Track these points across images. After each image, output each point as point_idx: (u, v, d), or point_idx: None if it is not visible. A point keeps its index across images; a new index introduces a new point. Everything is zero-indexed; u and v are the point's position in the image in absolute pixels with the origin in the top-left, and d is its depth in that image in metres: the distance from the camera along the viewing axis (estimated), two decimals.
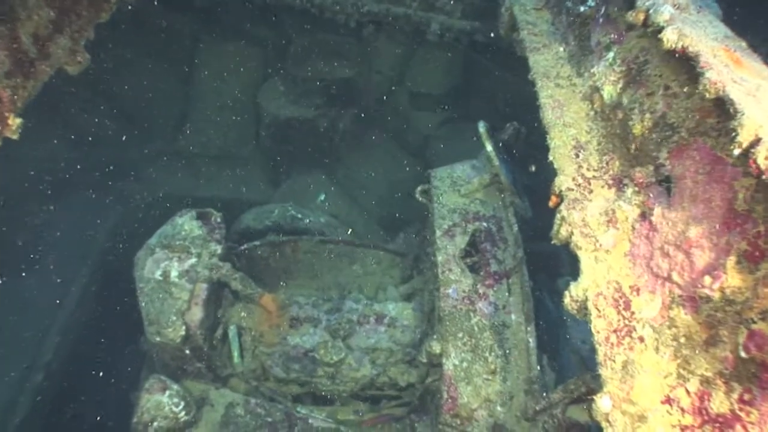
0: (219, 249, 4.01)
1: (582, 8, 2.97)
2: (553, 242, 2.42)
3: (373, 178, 6.77)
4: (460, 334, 3.35)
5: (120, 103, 6.50)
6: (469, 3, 5.98)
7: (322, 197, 6.25)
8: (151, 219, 4.58)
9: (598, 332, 2.04)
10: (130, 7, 4.42)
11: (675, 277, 1.96)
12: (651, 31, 2.24)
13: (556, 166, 2.56)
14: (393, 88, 7.00)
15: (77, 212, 5.94)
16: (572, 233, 2.31)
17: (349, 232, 5.53)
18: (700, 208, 1.94)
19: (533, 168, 4.07)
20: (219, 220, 4.21)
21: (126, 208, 6.20)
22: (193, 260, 3.89)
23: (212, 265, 3.91)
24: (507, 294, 3.49)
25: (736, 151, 1.66)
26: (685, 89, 2.11)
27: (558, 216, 2.40)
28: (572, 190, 2.44)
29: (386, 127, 7.12)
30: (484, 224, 3.80)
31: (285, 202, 5.52)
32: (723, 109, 1.87)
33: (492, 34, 5.85)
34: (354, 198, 6.65)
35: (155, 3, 5.92)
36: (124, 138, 6.47)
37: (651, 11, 2.21)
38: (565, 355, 4.28)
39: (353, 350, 4.11)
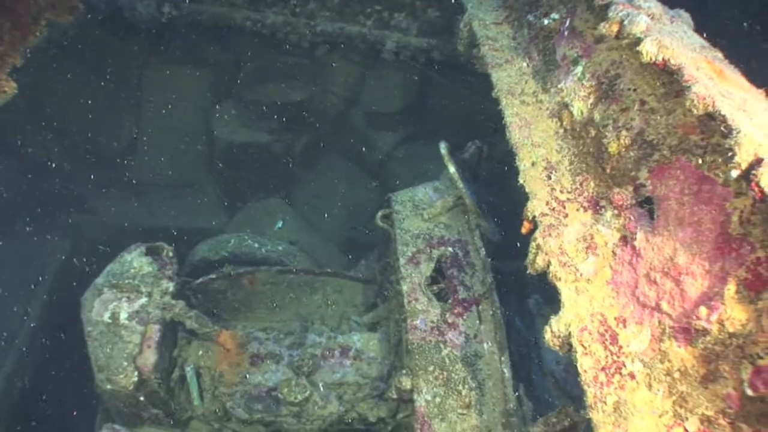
0: (171, 286, 3.77)
1: (546, 21, 2.84)
2: (528, 272, 2.26)
3: (332, 202, 6.57)
4: (431, 368, 3.16)
5: (65, 131, 6.20)
6: (425, 20, 5.87)
7: (280, 224, 6.03)
8: (101, 254, 4.31)
9: (586, 371, 1.87)
10: (70, 31, 4.19)
11: (664, 306, 1.82)
12: (626, 43, 2.11)
13: (527, 189, 2.40)
14: (349, 108, 6.83)
15: (21, 248, 5.63)
16: (550, 262, 2.15)
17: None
18: (688, 231, 1.80)
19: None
20: (171, 254, 3.97)
21: (73, 243, 5.89)
22: (144, 300, 3.65)
23: (164, 304, 3.67)
24: (478, 322, 3.32)
25: (735, 173, 1.51)
26: (664, 104, 1.97)
27: (533, 244, 2.24)
28: (546, 215, 2.28)
29: (344, 149, 6.94)
30: (450, 249, 3.63)
31: (241, 231, 5.32)
32: (709, 126, 1.73)
33: (449, 51, 5.76)
34: (313, 224, 6.44)
35: (98, 26, 5.67)
36: (70, 168, 6.20)
37: (626, 22, 2.06)
38: (539, 378, 4.14)
39: (318, 386, 3.88)
